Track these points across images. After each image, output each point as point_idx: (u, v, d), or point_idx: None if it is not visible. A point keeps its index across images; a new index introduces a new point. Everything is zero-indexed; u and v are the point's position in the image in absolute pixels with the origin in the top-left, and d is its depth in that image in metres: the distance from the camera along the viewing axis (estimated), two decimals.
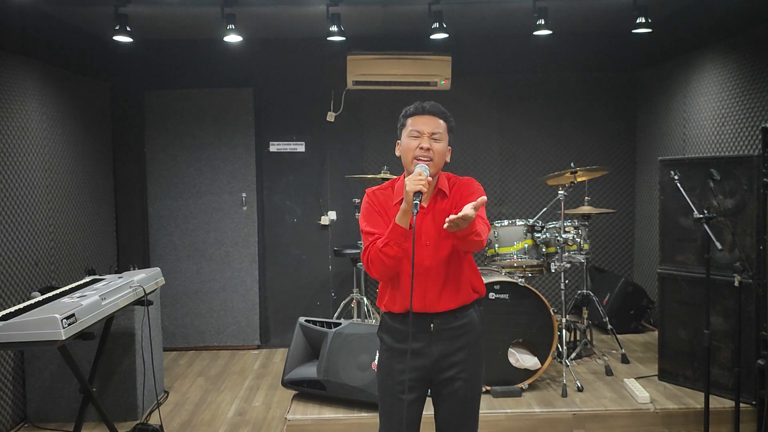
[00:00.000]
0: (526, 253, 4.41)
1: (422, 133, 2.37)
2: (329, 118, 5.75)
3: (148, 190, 5.72)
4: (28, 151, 4.28)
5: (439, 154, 2.37)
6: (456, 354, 2.40)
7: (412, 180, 2.21)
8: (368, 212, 2.43)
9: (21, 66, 4.26)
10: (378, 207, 2.43)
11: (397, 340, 2.42)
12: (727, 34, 4.46)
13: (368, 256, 2.33)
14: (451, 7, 4.61)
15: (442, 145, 2.40)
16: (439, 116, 2.42)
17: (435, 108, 2.43)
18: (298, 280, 5.90)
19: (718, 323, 3.85)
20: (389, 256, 2.27)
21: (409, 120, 2.43)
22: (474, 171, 5.94)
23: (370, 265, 2.33)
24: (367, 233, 2.38)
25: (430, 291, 2.37)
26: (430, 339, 2.39)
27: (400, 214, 2.25)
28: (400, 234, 2.25)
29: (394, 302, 2.42)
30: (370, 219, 2.41)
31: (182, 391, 4.74)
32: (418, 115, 2.41)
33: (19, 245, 4.11)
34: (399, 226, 2.25)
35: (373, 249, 2.30)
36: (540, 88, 5.90)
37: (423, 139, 2.36)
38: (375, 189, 2.49)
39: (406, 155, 2.39)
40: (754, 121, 4.16)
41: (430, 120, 2.40)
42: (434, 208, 2.41)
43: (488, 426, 3.68)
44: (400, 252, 2.27)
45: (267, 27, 5.29)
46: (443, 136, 2.41)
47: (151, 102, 5.69)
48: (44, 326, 2.70)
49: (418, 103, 2.44)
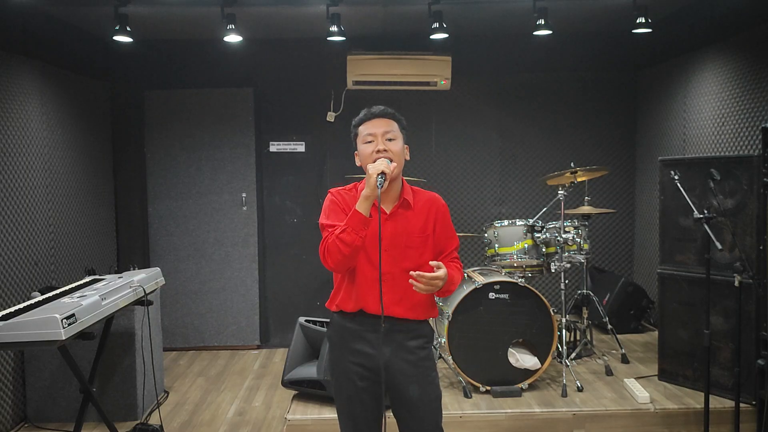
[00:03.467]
0: (526, 253, 4.41)
1: (375, 135, 2.37)
2: (329, 118, 5.75)
3: (148, 190, 5.72)
4: (28, 151, 4.28)
5: (396, 153, 2.37)
6: (408, 356, 2.38)
7: (374, 165, 2.24)
8: (330, 209, 2.42)
9: (21, 66, 4.26)
10: (342, 204, 2.42)
11: (347, 339, 2.40)
12: (727, 34, 4.46)
13: (326, 246, 2.29)
14: (451, 7, 4.61)
15: (398, 143, 2.39)
16: (389, 117, 2.42)
17: (383, 111, 2.42)
18: (298, 280, 5.90)
19: (718, 323, 3.85)
20: (346, 243, 2.23)
21: (360, 128, 2.42)
22: (474, 171, 5.95)
23: (327, 254, 2.29)
24: (327, 226, 2.35)
25: (386, 296, 2.32)
26: (382, 339, 2.34)
27: (361, 200, 2.24)
28: (359, 221, 2.23)
29: (349, 300, 2.39)
30: (332, 214, 2.39)
31: (182, 391, 4.74)
32: (368, 120, 2.41)
33: (19, 245, 4.11)
34: (359, 212, 2.23)
35: (331, 237, 2.27)
36: (540, 88, 5.90)
37: (378, 142, 2.35)
38: (339, 189, 2.48)
39: (365, 161, 2.38)
40: (754, 121, 4.16)
41: (380, 122, 2.39)
42: (396, 216, 2.40)
43: (488, 426, 3.68)
44: (358, 240, 2.24)
45: (267, 27, 5.29)
46: (397, 135, 2.40)
47: (151, 102, 5.69)
48: (44, 326, 2.70)
49: (366, 110, 2.44)
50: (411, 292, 2.34)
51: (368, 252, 2.32)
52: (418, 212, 2.43)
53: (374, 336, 2.35)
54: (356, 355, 2.38)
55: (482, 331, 3.95)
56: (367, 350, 2.37)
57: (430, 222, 2.43)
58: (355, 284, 2.37)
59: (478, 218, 5.92)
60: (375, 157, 2.34)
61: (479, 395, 3.93)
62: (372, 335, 2.36)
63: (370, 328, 2.36)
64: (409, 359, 2.39)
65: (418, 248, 2.39)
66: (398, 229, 2.38)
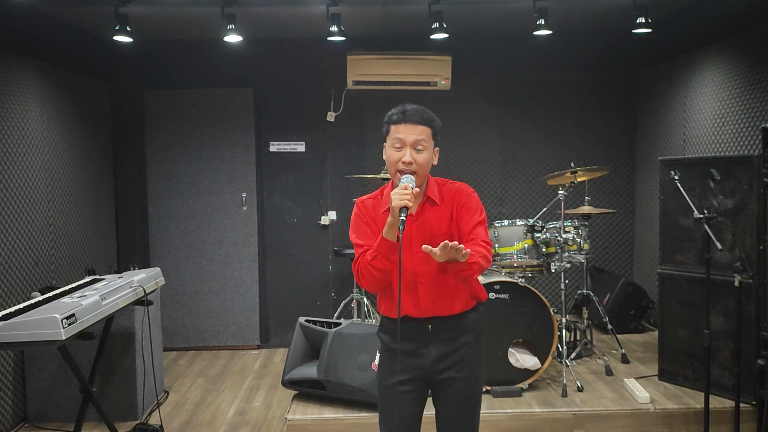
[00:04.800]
0: (526, 253, 4.41)
1: (404, 143, 2.31)
2: (329, 118, 5.75)
3: (148, 190, 5.72)
4: (28, 151, 4.28)
5: (422, 165, 2.32)
6: (454, 354, 2.40)
7: (397, 195, 2.18)
8: (356, 224, 2.43)
9: (21, 66, 4.26)
10: (366, 217, 2.42)
11: (394, 340, 2.43)
12: (727, 34, 4.46)
13: (358, 269, 2.34)
14: (451, 7, 4.61)
15: (426, 155, 2.33)
16: (422, 123, 2.33)
17: (417, 115, 2.33)
18: (298, 280, 5.90)
19: (718, 323, 3.85)
20: (378, 269, 2.27)
21: (392, 128, 2.36)
22: (474, 171, 5.95)
23: (361, 277, 2.35)
24: (357, 245, 2.39)
25: (424, 298, 2.36)
26: (428, 340, 2.39)
27: (387, 228, 2.23)
28: (387, 248, 2.25)
29: (390, 309, 2.43)
30: (359, 231, 2.41)
31: (182, 391, 4.74)
32: (401, 123, 2.33)
33: (19, 245, 4.11)
34: (386, 240, 2.24)
35: (363, 261, 2.31)
36: (540, 88, 5.90)
37: (405, 152, 2.30)
38: (364, 198, 2.47)
39: (390, 166, 2.37)
40: (754, 121, 4.16)
41: (412, 129, 2.31)
42: (422, 215, 2.39)
43: (488, 426, 3.68)
44: (389, 265, 2.27)
45: (267, 27, 5.29)
46: (427, 144, 2.33)
47: (151, 102, 5.69)
48: (44, 326, 2.70)
49: (401, 109, 2.35)
50: (448, 289, 2.36)
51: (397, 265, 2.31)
52: (444, 208, 2.40)
53: (420, 336, 2.39)
54: (404, 357, 2.40)
55: None
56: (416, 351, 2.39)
57: (454, 211, 2.40)
58: (393, 294, 2.38)
59: None
60: (399, 167, 2.31)
61: None
62: (418, 335, 2.39)
63: (415, 330, 2.39)
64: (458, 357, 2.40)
65: None
66: (426, 229, 2.37)
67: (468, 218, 2.38)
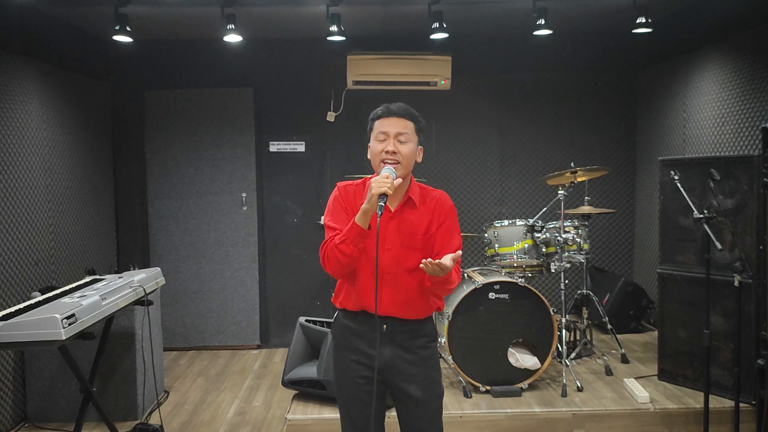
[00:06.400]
0: (526, 253, 4.41)
1: (388, 135, 2.32)
2: (329, 118, 5.75)
3: (148, 190, 5.72)
4: (28, 151, 4.28)
5: (406, 156, 2.33)
6: (409, 356, 2.38)
7: (378, 182, 2.19)
8: (333, 207, 2.41)
9: (21, 66, 4.26)
10: (345, 202, 2.40)
11: (349, 338, 2.40)
12: (727, 34, 4.47)
13: (325, 252, 2.30)
14: (451, 7, 4.61)
15: (410, 146, 2.35)
16: (406, 117, 2.36)
17: (401, 109, 2.37)
18: (298, 280, 5.90)
19: (718, 323, 3.85)
20: (345, 254, 2.25)
21: (376, 123, 2.38)
22: (474, 171, 5.95)
23: (326, 261, 2.31)
24: (329, 228, 2.36)
25: (387, 297, 2.33)
26: (382, 339, 2.35)
27: (360, 214, 2.22)
28: (357, 234, 2.23)
29: (349, 299, 2.39)
30: (334, 214, 2.39)
31: (182, 391, 4.74)
32: (385, 117, 2.36)
33: (19, 245, 4.11)
34: (357, 225, 2.23)
35: (331, 245, 2.28)
36: (540, 88, 5.90)
37: (389, 142, 2.32)
38: (346, 184, 2.45)
39: (374, 159, 2.36)
40: (754, 121, 4.16)
41: (396, 122, 2.34)
42: (401, 214, 2.38)
43: (488, 426, 3.68)
44: (356, 251, 2.25)
45: (267, 27, 5.29)
46: (411, 137, 2.35)
47: (151, 102, 5.69)
48: (44, 326, 2.70)
49: (385, 106, 2.39)
50: (412, 292, 2.34)
51: (369, 252, 2.29)
52: (423, 212, 2.39)
53: (375, 336, 2.34)
54: (357, 354, 2.38)
55: (482, 331, 3.95)
56: (368, 350, 2.36)
57: (434, 223, 2.39)
58: (356, 284, 2.37)
59: (478, 218, 5.92)
60: (383, 158, 2.31)
61: (479, 395, 3.94)
62: (373, 335, 2.34)
63: (371, 329, 2.35)
64: (410, 359, 2.38)
65: (421, 249, 2.36)
66: (402, 229, 2.36)
67: (448, 242, 2.39)
